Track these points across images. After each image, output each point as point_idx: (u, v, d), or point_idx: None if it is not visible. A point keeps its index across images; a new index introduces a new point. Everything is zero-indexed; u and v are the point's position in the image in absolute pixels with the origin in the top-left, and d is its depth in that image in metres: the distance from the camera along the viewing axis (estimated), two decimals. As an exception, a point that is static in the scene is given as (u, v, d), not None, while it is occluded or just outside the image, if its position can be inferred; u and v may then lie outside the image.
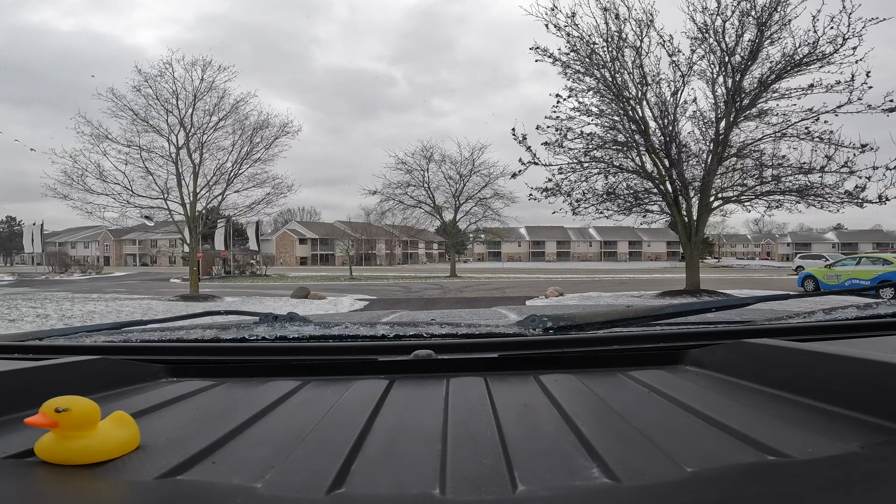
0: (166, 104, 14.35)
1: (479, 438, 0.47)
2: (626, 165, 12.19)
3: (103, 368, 0.66)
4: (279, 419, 0.54)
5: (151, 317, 8.44)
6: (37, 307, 9.99)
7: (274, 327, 0.90)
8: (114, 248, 65.10)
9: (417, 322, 1.08)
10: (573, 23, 11.40)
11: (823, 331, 0.82)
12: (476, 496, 0.36)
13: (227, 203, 16.08)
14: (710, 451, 0.42)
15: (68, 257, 43.97)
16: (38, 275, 30.04)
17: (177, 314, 1.33)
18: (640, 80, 11.55)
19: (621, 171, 12.23)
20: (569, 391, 0.61)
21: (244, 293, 16.14)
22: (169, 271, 38.51)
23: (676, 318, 0.93)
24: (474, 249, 67.92)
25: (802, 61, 10.56)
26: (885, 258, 12.97)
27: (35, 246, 30.02)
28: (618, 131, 11.96)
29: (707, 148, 11.65)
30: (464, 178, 31.06)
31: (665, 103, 11.56)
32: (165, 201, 14.86)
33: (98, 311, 9.83)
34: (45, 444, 0.42)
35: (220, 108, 14.86)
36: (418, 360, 0.72)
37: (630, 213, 12.70)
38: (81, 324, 5.43)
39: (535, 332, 0.82)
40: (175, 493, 0.37)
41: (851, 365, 0.49)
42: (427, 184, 31.31)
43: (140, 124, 14.35)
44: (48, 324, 8.62)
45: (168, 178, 14.69)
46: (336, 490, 0.37)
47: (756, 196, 11.52)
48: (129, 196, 14.35)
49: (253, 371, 0.74)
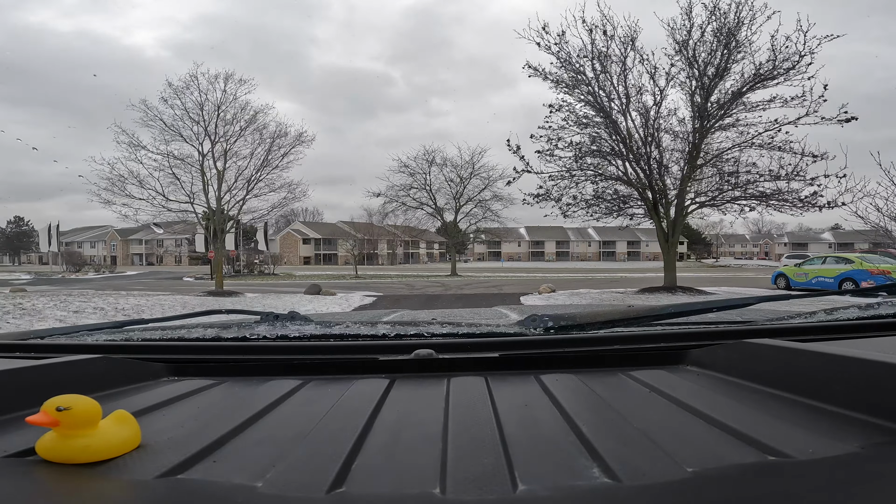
0: (192, 113, 16.01)
1: (480, 438, 0.47)
2: (612, 173, 13.23)
3: (104, 367, 0.66)
4: (280, 418, 0.54)
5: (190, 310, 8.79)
6: (88, 301, 10.81)
7: (275, 326, 0.91)
8: (120, 248, 66.05)
9: (418, 321, 1.06)
10: (563, 41, 12.53)
11: (824, 331, 0.81)
12: (476, 496, 0.36)
13: (246, 207, 17.64)
14: (710, 451, 0.42)
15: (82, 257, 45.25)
16: (53, 274, 31.11)
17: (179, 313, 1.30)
18: (623, 94, 12.67)
19: (605, 179, 13.31)
20: (569, 391, 0.61)
21: (261, 290, 17.14)
22: (178, 270, 39.60)
23: (677, 318, 0.93)
24: (474, 249, 68.86)
25: (764, 77, 11.62)
26: (846, 258, 14.12)
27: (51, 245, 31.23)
28: (604, 141, 13.05)
29: (682, 157, 12.80)
30: (464, 180, 32.17)
31: (645, 116, 12.63)
32: (192, 205, 16.52)
33: (143, 305, 10.76)
34: (46, 442, 0.42)
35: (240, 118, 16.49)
36: (419, 359, 0.72)
37: (616, 216, 13.89)
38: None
39: (536, 331, 0.82)
40: (176, 491, 0.37)
41: (852, 365, 0.49)
42: (429, 186, 32.43)
43: (168, 133, 15.97)
44: (107, 316, 9.36)
45: (193, 184, 16.34)
46: (336, 489, 0.37)
47: (726, 201, 12.73)
48: (162, 201, 16.04)
49: (254, 370, 0.74)
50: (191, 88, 15.77)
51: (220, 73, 15.98)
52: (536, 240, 77.17)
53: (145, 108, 15.59)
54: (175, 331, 0.96)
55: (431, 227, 37.93)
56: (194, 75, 15.75)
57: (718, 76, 12.07)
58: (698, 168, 12.75)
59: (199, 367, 0.75)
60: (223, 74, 15.99)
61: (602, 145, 13.04)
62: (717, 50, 11.95)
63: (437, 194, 32.67)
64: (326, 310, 11.45)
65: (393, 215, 34.10)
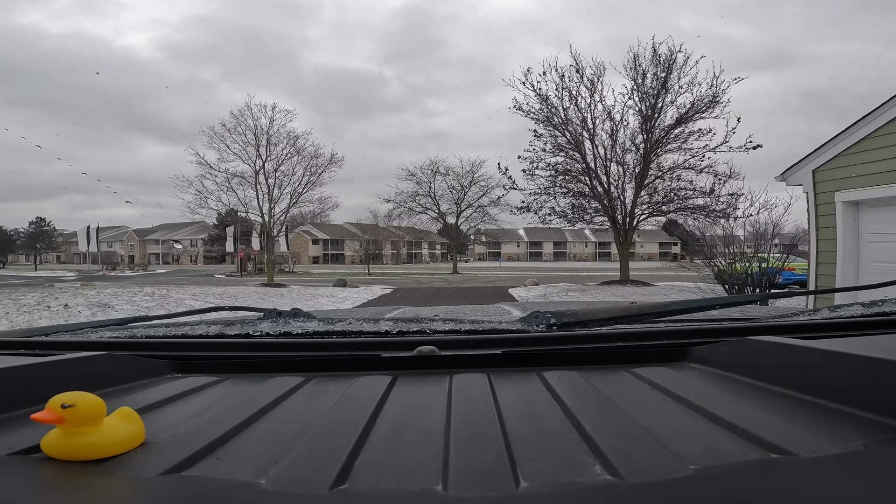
0: (247, 137, 20.41)
1: (482, 435, 0.47)
2: (581, 189, 16.80)
3: (109, 364, 0.67)
4: (283, 415, 0.54)
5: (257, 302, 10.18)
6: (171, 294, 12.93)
7: (278, 323, 0.91)
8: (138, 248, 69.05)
9: (421, 318, 1.06)
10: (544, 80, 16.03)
11: (828, 328, 0.81)
12: (478, 492, 0.36)
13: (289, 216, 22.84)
14: (713, 449, 0.42)
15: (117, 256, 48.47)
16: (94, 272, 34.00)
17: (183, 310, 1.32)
18: (590, 125, 16.20)
19: (575, 196, 16.89)
20: (572, 388, 0.61)
21: (299, 283, 20.28)
22: (200, 269, 42.22)
23: (680, 315, 0.93)
24: (475, 250, 71.84)
25: (690, 115, 15.31)
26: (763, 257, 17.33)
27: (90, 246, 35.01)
28: (575, 161, 16.61)
29: (633, 177, 16.28)
30: (465, 188, 35.68)
31: (604, 145, 16.20)
32: (246, 213, 21.60)
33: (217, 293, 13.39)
34: (51, 439, 0.42)
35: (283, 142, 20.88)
36: (422, 356, 0.72)
37: (588, 224, 17.41)
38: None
39: (539, 328, 0.82)
40: (180, 488, 0.38)
41: (856, 363, 0.49)
42: (433, 193, 35.90)
43: (227, 153, 20.41)
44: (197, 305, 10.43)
45: (245, 196, 20.90)
46: (339, 486, 0.37)
47: (666, 213, 16.30)
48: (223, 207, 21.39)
49: (257, 367, 0.74)
50: (245, 116, 20.28)
51: (269, 103, 20.60)
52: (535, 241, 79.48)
53: (213, 132, 20.08)
54: (179, 328, 0.97)
55: (434, 228, 41.37)
56: (248, 105, 20.44)
57: (657, 112, 15.72)
58: (645, 186, 16.31)
59: (203, 364, 0.75)
60: (270, 105, 20.98)
61: (573, 167, 16.50)
62: (657, 91, 15.54)
63: (440, 200, 36.14)
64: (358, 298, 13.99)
65: (398, 218, 37.54)
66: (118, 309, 10.25)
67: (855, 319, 0.85)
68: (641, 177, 16.10)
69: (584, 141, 16.14)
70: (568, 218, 17.13)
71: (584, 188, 16.63)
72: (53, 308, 9.73)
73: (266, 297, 13.72)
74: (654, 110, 15.58)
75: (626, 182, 16.41)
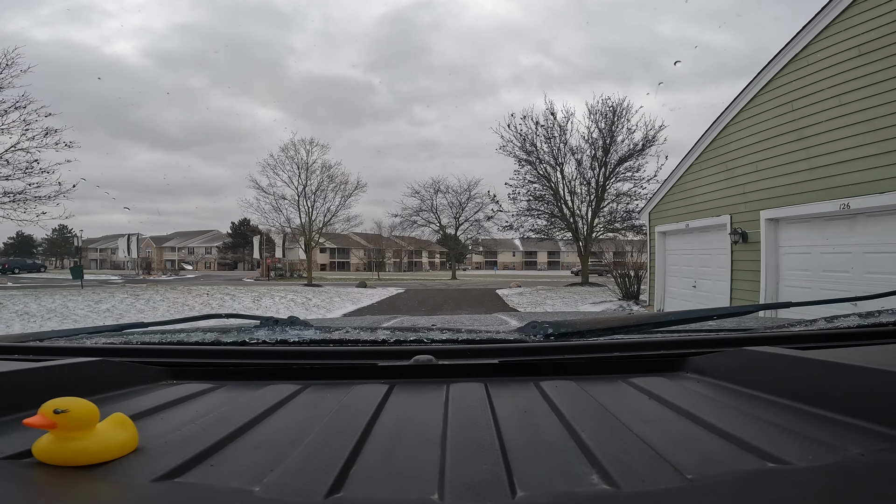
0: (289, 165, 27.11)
1: (479, 444, 0.47)
2: (552, 210, 22.69)
3: (103, 370, 0.66)
4: (278, 423, 0.54)
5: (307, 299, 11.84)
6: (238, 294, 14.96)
7: (274, 331, 0.91)
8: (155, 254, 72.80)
9: (418, 327, 1.06)
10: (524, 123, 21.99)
11: (824, 339, 0.81)
12: (475, 502, 0.35)
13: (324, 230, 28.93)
14: (710, 458, 0.42)
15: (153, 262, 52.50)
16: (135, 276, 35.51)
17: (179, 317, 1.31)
18: (559, 162, 21.77)
19: (547, 217, 22.97)
20: (569, 397, 0.61)
21: (328, 284, 25.04)
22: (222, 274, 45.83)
23: (677, 325, 0.93)
24: (473, 259, 76.12)
25: (630, 155, 21.14)
26: None
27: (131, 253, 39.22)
28: (548, 189, 22.00)
29: (590, 202, 22.10)
30: (462, 204, 40.65)
31: (568, 176, 22.14)
32: (290, 227, 28.18)
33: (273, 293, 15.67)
34: (43, 445, 0.41)
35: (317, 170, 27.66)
36: (419, 365, 0.72)
37: (559, 238, 22.58)
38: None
39: (536, 338, 0.82)
40: (172, 495, 0.37)
41: (852, 373, 0.49)
42: (435, 209, 40.81)
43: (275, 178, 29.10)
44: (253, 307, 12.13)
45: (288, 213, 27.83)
46: (334, 494, 0.37)
47: (615, 230, 21.73)
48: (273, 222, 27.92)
49: (253, 374, 0.74)
50: (288, 150, 27.47)
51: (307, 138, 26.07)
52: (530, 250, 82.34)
53: (266, 163, 27.60)
54: (174, 334, 0.97)
55: (433, 238, 46.11)
56: (293, 141, 27.40)
57: (606, 152, 21.44)
58: (600, 210, 22.24)
59: (198, 370, 0.75)
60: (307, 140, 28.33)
61: (546, 193, 21.81)
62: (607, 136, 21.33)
63: (441, 214, 41.04)
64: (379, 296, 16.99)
65: (400, 228, 42.58)
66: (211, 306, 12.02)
67: (851, 330, 0.85)
68: (597, 201, 21.85)
69: (555, 173, 21.53)
70: (543, 233, 22.64)
71: (555, 209, 22.23)
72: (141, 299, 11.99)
73: (309, 294, 16.42)
74: (605, 151, 21.30)
75: (587, 206, 22.24)
